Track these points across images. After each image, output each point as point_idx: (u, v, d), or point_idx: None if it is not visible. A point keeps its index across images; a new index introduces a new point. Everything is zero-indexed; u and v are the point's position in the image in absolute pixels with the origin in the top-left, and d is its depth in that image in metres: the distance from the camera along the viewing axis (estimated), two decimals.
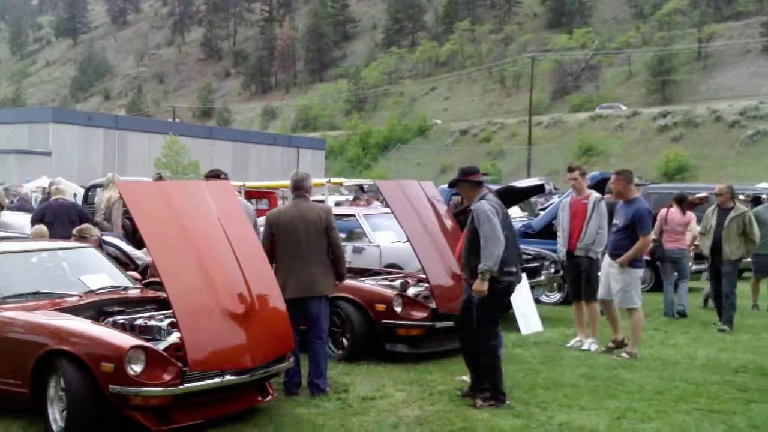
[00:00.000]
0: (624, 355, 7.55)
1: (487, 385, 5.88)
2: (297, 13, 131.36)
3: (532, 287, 9.71)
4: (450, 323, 7.38)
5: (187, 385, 4.94)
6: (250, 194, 18.24)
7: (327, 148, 72.19)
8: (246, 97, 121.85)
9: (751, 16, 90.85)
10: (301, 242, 6.10)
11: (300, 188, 6.35)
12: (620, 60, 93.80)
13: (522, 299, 8.88)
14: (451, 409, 5.72)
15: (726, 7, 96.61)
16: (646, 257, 10.91)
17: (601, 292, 7.93)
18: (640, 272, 7.95)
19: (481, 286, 5.69)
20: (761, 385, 6.49)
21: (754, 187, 23.14)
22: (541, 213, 13.35)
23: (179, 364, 4.94)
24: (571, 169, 8.17)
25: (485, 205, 5.78)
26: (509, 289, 6.01)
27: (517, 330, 8.58)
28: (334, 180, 20.65)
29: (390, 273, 8.68)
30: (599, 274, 7.98)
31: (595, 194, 8.26)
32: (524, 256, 9.18)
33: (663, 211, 10.70)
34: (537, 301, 9.94)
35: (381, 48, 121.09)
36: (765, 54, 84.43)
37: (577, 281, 8.14)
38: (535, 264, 10.17)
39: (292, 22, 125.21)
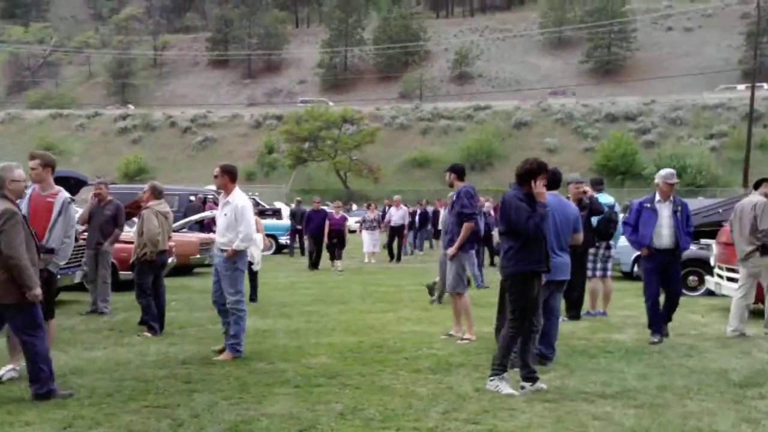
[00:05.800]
0: None
1: None
2: None
3: None
4: None
5: None
6: None
7: None
8: None
9: (199, 31, 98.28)
10: None
11: None
12: (80, 59, 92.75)
13: None
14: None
15: (177, 20, 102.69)
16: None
17: None
18: None
19: None
20: (203, 374, 6.89)
21: (203, 189, 24.98)
22: None
23: None
24: (32, 158, 7.08)
25: None
26: None
27: None
28: None
29: None
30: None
31: (65, 194, 7.11)
32: None
33: None
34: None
35: None
36: (211, 67, 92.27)
37: None
38: None
39: None
